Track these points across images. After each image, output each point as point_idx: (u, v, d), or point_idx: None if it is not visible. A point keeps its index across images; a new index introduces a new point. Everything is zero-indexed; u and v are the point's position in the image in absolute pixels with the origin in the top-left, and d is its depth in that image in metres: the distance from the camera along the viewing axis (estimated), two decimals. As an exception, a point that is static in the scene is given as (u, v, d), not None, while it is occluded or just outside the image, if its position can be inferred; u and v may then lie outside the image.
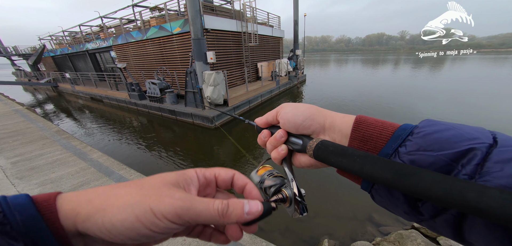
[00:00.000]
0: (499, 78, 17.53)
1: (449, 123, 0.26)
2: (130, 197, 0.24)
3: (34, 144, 5.21)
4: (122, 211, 0.23)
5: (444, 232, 0.25)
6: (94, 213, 0.22)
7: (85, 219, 0.22)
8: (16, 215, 0.20)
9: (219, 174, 0.32)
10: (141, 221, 0.22)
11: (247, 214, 0.26)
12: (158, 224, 0.23)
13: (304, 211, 0.35)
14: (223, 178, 0.32)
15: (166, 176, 0.27)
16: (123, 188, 0.25)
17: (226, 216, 0.25)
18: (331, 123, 0.35)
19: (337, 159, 0.29)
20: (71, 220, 0.22)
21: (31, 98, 17.34)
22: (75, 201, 0.24)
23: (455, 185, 0.19)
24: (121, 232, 0.22)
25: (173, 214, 0.23)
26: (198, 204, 0.25)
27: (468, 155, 0.22)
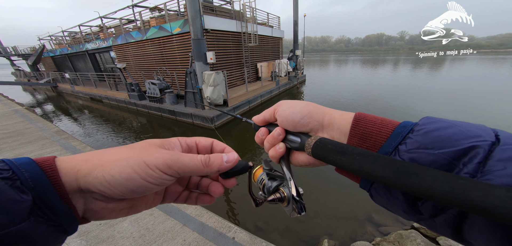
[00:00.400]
0: (497, 78, 17.56)
1: (449, 121, 0.25)
2: (124, 154, 0.27)
3: (33, 145, 5.20)
4: (119, 164, 0.26)
5: (444, 231, 0.24)
6: (94, 169, 0.25)
7: (86, 174, 0.25)
8: (24, 172, 0.22)
9: (200, 141, 0.36)
10: (137, 172, 0.26)
11: (226, 162, 0.31)
12: (151, 173, 0.26)
13: (302, 211, 0.35)
14: (204, 144, 0.36)
15: (152, 140, 0.31)
16: (115, 149, 0.28)
17: (209, 165, 0.30)
18: (330, 120, 0.35)
19: (336, 157, 0.29)
20: (72, 177, 0.25)
21: (31, 98, 17.31)
22: (74, 161, 0.26)
23: (458, 183, 0.18)
24: (120, 183, 0.25)
25: (164, 164, 0.27)
26: (184, 156, 0.29)
27: (469, 153, 0.22)
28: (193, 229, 2.33)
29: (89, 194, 0.26)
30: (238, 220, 3.34)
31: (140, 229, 2.34)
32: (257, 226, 3.06)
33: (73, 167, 0.25)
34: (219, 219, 2.47)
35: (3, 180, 0.21)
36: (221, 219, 2.47)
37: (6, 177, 0.21)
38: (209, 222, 2.41)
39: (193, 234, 2.27)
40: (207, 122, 7.28)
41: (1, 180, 0.20)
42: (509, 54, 78.88)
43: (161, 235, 2.27)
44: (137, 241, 2.20)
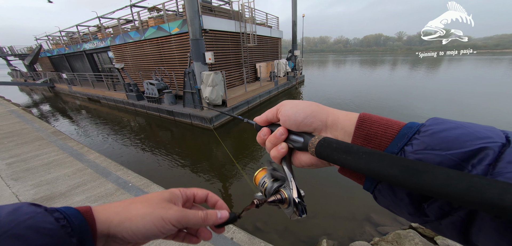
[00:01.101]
0: (495, 78, 17.75)
1: (457, 122, 0.25)
2: (145, 210, 0.34)
3: (30, 145, 5.15)
4: (144, 219, 0.32)
5: (450, 234, 0.24)
6: (124, 221, 0.32)
7: (117, 224, 0.31)
8: (74, 221, 0.28)
9: (197, 193, 0.43)
10: (156, 226, 0.33)
11: (220, 218, 0.38)
12: (166, 227, 0.33)
13: (303, 213, 0.34)
14: (200, 196, 0.43)
15: (162, 194, 0.37)
16: (137, 203, 0.35)
17: (207, 220, 0.37)
18: (334, 120, 0.34)
19: (341, 156, 0.28)
20: (105, 226, 0.31)
21: (27, 98, 17.15)
22: (108, 212, 0.32)
23: (473, 182, 0.18)
24: (142, 233, 0.32)
25: (175, 220, 0.34)
26: (189, 213, 0.36)
27: (479, 154, 0.21)
28: (191, 230, 2.32)
29: (113, 239, 0.32)
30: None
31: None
32: (256, 227, 3.06)
33: (107, 218, 0.31)
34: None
35: (62, 227, 0.27)
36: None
37: (64, 225, 0.27)
38: (207, 223, 2.40)
39: (192, 235, 2.26)
40: (206, 122, 7.26)
41: (62, 228, 0.27)
42: (505, 54, 79.76)
43: (159, 236, 2.25)
44: (135, 242, 2.18)
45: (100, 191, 3.29)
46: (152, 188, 3.32)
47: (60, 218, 0.27)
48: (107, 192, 3.25)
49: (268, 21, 14.12)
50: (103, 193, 3.22)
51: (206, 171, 4.95)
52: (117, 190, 3.29)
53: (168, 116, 8.56)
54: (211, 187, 4.36)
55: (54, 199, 3.11)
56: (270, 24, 14.48)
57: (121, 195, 3.17)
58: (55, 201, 3.07)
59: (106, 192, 3.26)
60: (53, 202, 3.04)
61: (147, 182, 3.48)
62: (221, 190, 4.26)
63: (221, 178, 4.66)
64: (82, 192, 3.26)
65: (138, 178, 3.59)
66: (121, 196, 3.14)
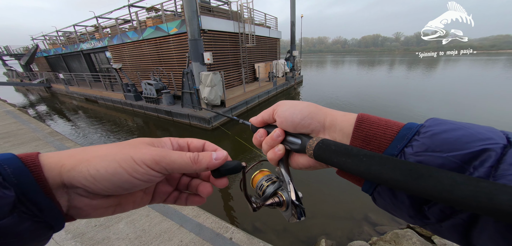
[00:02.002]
0: (492, 78, 17.96)
1: (457, 122, 0.24)
2: (111, 149, 0.27)
3: (26, 146, 5.10)
4: (105, 159, 0.26)
5: (450, 236, 0.23)
6: (79, 163, 0.25)
7: (70, 168, 0.25)
8: (6, 168, 0.22)
9: (192, 141, 0.36)
10: (123, 167, 0.26)
11: (215, 159, 0.31)
12: (138, 169, 0.26)
13: (301, 216, 0.33)
14: (195, 145, 0.36)
15: (142, 139, 0.31)
16: (102, 146, 0.28)
17: (198, 162, 0.30)
18: (332, 121, 0.33)
19: (340, 159, 0.27)
20: (56, 171, 0.24)
21: (23, 99, 16.97)
22: (58, 156, 0.26)
23: (480, 186, 0.17)
24: (105, 178, 0.25)
25: (151, 160, 0.27)
26: (172, 153, 0.29)
27: (481, 156, 0.21)
28: (190, 229, 2.32)
29: (73, 190, 0.26)
30: (236, 220, 3.34)
31: (136, 231, 2.31)
32: (254, 227, 3.06)
33: (57, 162, 0.25)
34: (216, 220, 2.46)
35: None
36: (218, 220, 2.46)
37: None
38: (206, 223, 2.40)
39: (190, 235, 2.25)
40: (204, 123, 7.24)
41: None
42: (500, 55, 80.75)
43: (157, 236, 2.25)
44: (133, 242, 2.17)
45: (98, 192, 3.26)
46: (151, 188, 3.30)
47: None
48: (105, 193, 3.23)
49: (266, 21, 14.14)
50: (101, 194, 3.19)
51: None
52: (115, 191, 3.27)
53: (166, 116, 8.53)
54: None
55: (51, 200, 3.08)
56: (268, 25, 14.49)
57: (119, 196, 3.15)
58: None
59: (104, 193, 3.23)
60: (50, 203, 3.00)
61: (146, 182, 3.46)
62: (221, 190, 4.25)
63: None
64: (80, 193, 3.23)
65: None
66: (119, 197, 3.12)
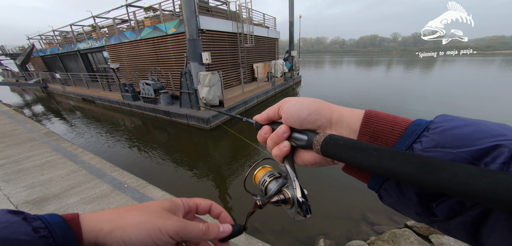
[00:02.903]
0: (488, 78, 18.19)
1: (467, 119, 0.24)
2: (141, 219, 0.31)
3: (21, 146, 5.04)
4: (137, 228, 0.30)
5: (458, 234, 0.23)
6: (115, 229, 0.29)
7: (107, 233, 0.29)
8: (57, 231, 0.26)
9: (200, 203, 0.41)
10: (151, 236, 0.30)
11: (222, 232, 0.36)
12: (162, 238, 0.30)
13: (307, 213, 0.33)
14: (203, 207, 0.41)
15: (162, 203, 0.35)
16: (133, 211, 0.32)
17: (208, 234, 0.35)
18: (338, 117, 0.33)
19: (349, 154, 0.27)
20: (93, 235, 0.28)
21: (19, 99, 16.77)
22: (97, 220, 0.30)
23: (498, 178, 0.16)
24: (135, 244, 0.29)
25: (174, 232, 0.31)
26: (189, 225, 0.34)
27: (492, 152, 0.20)
28: (188, 231, 2.30)
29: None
30: (235, 221, 3.33)
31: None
32: (253, 227, 3.06)
33: (96, 226, 0.29)
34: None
35: (41, 238, 0.25)
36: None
37: (43, 236, 0.25)
38: (205, 224, 2.39)
39: (189, 236, 2.24)
40: (203, 123, 7.22)
41: (40, 239, 0.24)
42: (495, 56, 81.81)
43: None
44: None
45: (95, 192, 3.23)
46: (149, 189, 3.28)
47: (40, 227, 0.25)
48: (102, 193, 3.20)
49: (265, 21, 14.15)
50: (98, 194, 3.17)
51: (204, 171, 4.93)
52: (112, 191, 3.24)
53: (164, 116, 8.49)
54: (209, 187, 4.33)
55: (47, 201, 3.05)
56: (267, 25, 14.51)
57: (117, 196, 3.13)
58: (49, 202, 3.01)
59: (101, 193, 3.20)
60: (47, 204, 2.97)
61: (144, 183, 3.44)
62: (219, 190, 4.24)
63: (219, 178, 4.64)
64: (77, 194, 3.20)
65: (134, 179, 3.55)
66: (116, 197, 3.09)
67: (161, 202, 0.35)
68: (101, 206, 2.92)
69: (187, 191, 4.24)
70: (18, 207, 2.90)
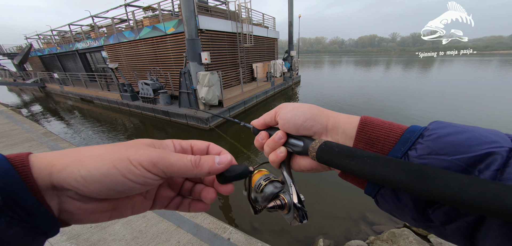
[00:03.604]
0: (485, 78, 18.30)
1: (461, 125, 0.24)
2: (107, 149, 0.25)
3: (19, 146, 5.00)
4: (99, 159, 0.24)
5: (454, 239, 0.23)
6: (70, 164, 0.23)
7: (61, 169, 0.23)
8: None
9: (195, 144, 0.35)
10: (117, 168, 0.24)
11: (218, 163, 0.30)
12: (134, 170, 0.24)
13: (304, 219, 0.33)
14: (199, 147, 0.35)
15: (143, 140, 0.29)
16: (98, 146, 0.26)
17: (199, 166, 0.28)
18: (334, 123, 0.33)
19: (344, 161, 0.27)
20: (46, 172, 0.23)
21: (17, 99, 16.66)
22: (49, 156, 0.24)
23: (490, 188, 0.17)
24: (97, 179, 0.23)
25: (149, 162, 0.25)
26: (172, 155, 0.27)
27: (486, 159, 0.20)
28: (187, 230, 2.30)
29: (63, 192, 0.24)
30: (234, 221, 3.33)
31: (133, 232, 2.28)
32: (253, 227, 3.06)
33: (48, 162, 0.23)
34: (214, 220, 2.44)
35: None
36: (216, 220, 2.45)
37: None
38: (203, 224, 2.39)
39: (188, 236, 2.23)
40: (202, 123, 7.21)
41: None
42: (493, 56, 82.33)
43: (154, 237, 2.23)
44: (129, 243, 2.15)
45: (94, 193, 3.21)
46: (148, 189, 3.26)
47: None
48: (101, 194, 3.18)
49: (264, 21, 14.15)
50: (96, 195, 3.15)
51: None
52: (111, 192, 3.23)
53: (163, 116, 8.46)
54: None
55: (45, 202, 3.03)
56: (266, 25, 14.51)
57: (116, 197, 3.11)
58: (47, 204, 2.99)
59: (99, 194, 3.19)
60: (44, 205, 2.95)
61: (142, 183, 3.43)
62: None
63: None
64: (75, 195, 3.18)
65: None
66: (115, 198, 3.08)
67: (141, 139, 0.29)
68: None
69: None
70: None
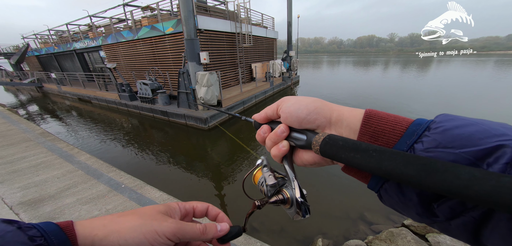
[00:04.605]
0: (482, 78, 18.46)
1: (468, 118, 0.24)
2: (136, 222, 0.31)
3: (16, 147, 4.96)
4: (133, 231, 0.30)
5: (458, 234, 0.23)
6: (110, 234, 0.29)
7: (103, 238, 0.29)
8: (53, 239, 0.26)
9: (196, 206, 0.41)
10: (147, 238, 0.30)
11: (220, 231, 0.37)
12: (159, 240, 0.31)
13: (306, 213, 0.33)
14: (200, 209, 0.41)
15: (157, 207, 0.35)
16: (128, 216, 0.32)
17: (205, 233, 0.35)
18: (338, 116, 0.33)
19: (348, 155, 0.27)
20: (90, 240, 0.28)
21: (13, 99, 16.51)
22: (92, 226, 0.30)
23: (503, 181, 0.16)
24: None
25: (171, 233, 0.32)
26: (186, 226, 0.34)
27: (495, 152, 0.20)
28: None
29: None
30: (233, 221, 3.32)
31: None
32: (252, 227, 3.05)
33: (91, 232, 0.29)
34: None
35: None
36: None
37: (40, 244, 0.25)
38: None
39: (187, 237, 2.22)
40: (201, 123, 7.20)
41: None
42: (490, 56, 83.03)
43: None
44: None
45: (92, 192, 3.20)
46: (146, 189, 3.25)
47: (36, 236, 0.25)
48: (99, 193, 3.17)
49: (263, 21, 14.15)
50: (94, 195, 3.13)
51: (202, 171, 4.91)
52: (109, 191, 3.21)
53: (162, 116, 8.44)
54: (207, 187, 4.32)
55: (43, 202, 3.00)
56: (265, 25, 14.52)
57: (114, 196, 3.10)
58: (44, 203, 2.97)
59: (97, 193, 3.17)
60: (42, 205, 2.93)
61: (141, 183, 3.41)
62: (217, 191, 4.22)
63: (217, 178, 4.62)
64: (73, 194, 3.16)
65: (131, 179, 3.52)
66: (113, 198, 3.06)
67: (156, 206, 0.36)
68: (97, 207, 2.89)
69: (185, 192, 4.21)
70: (13, 208, 2.85)
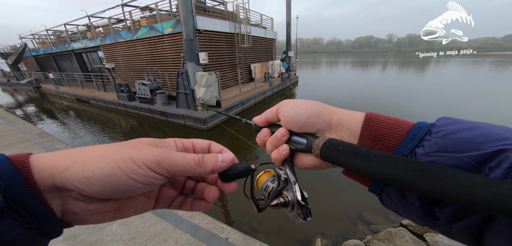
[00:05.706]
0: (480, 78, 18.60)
1: (470, 122, 0.23)
2: (110, 149, 0.25)
3: (13, 148, 4.92)
4: (102, 159, 0.24)
5: (460, 238, 0.23)
6: (73, 164, 0.23)
7: (63, 169, 0.23)
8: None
9: (197, 142, 0.35)
10: (121, 168, 0.24)
11: (221, 161, 0.30)
12: (137, 170, 0.24)
13: (308, 216, 0.33)
14: (201, 146, 0.35)
15: (145, 139, 0.29)
16: (101, 146, 0.26)
17: (202, 164, 0.28)
18: (338, 120, 0.32)
19: (349, 159, 0.26)
20: (48, 173, 0.22)
21: (11, 99, 16.38)
22: (51, 156, 0.24)
23: (502, 188, 0.16)
24: (101, 180, 0.23)
25: (152, 161, 0.25)
26: (175, 154, 0.27)
27: (497, 157, 0.20)
28: (185, 230, 2.29)
29: (67, 193, 0.23)
30: (232, 221, 3.32)
31: (130, 232, 2.27)
32: (251, 227, 3.06)
33: (50, 163, 0.23)
34: (212, 220, 2.44)
35: None
36: (214, 220, 2.44)
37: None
38: (201, 224, 2.38)
39: (185, 236, 2.23)
40: (200, 123, 7.19)
41: None
42: (487, 56, 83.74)
43: (152, 237, 2.21)
44: (127, 244, 2.13)
45: (90, 194, 3.18)
46: (145, 190, 3.24)
47: None
48: (97, 195, 3.15)
49: (262, 22, 14.17)
50: (93, 197, 3.12)
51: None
52: (108, 193, 3.19)
53: (160, 117, 8.41)
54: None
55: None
56: (264, 25, 14.53)
57: (112, 198, 3.08)
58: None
59: (96, 195, 3.15)
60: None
61: (140, 184, 3.40)
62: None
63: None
64: (71, 196, 3.14)
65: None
66: (112, 199, 3.05)
67: (143, 138, 0.29)
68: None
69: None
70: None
